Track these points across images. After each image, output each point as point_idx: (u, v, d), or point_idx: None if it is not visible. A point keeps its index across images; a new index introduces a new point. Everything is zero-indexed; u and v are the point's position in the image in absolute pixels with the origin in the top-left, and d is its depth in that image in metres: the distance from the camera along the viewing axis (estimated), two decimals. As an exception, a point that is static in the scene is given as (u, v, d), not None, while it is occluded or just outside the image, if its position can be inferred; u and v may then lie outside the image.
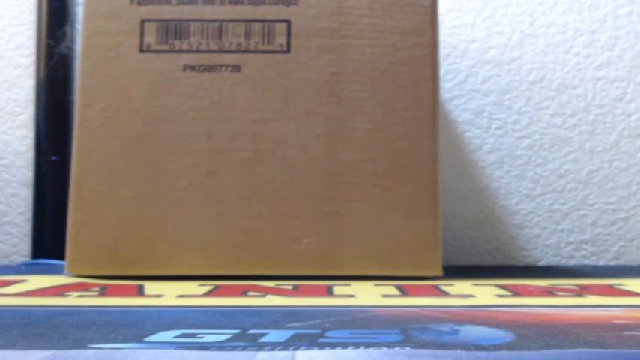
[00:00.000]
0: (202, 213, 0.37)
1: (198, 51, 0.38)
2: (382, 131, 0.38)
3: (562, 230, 0.56)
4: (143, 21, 0.38)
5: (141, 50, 0.38)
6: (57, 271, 0.41)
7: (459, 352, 0.18)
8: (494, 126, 0.56)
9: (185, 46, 0.38)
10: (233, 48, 0.38)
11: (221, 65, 0.38)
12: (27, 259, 0.54)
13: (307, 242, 0.37)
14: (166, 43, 0.38)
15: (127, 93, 0.38)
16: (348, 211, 0.37)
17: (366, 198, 0.37)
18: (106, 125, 0.38)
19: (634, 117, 0.56)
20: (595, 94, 0.57)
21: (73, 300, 0.28)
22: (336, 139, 0.38)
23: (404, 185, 0.37)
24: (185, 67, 0.38)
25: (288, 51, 0.38)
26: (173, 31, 0.38)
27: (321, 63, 0.38)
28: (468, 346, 0.18)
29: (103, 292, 0.31)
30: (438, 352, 0.18)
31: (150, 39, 0.38)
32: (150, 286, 0.33)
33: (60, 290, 0.32)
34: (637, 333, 0.21)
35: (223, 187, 0.37)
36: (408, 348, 0.18)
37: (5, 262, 0.54)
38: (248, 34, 0.38)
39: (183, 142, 0.38)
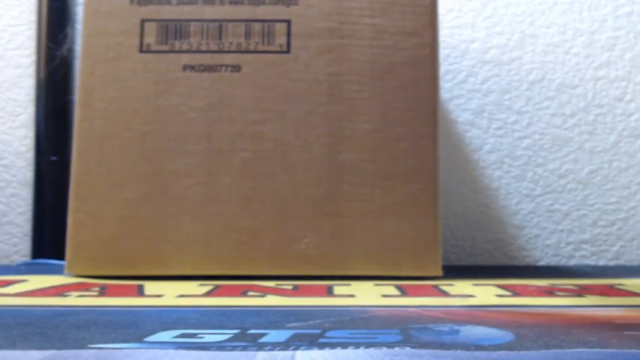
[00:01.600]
0: (202, 213, 0.37)
1: (198, 51, 0.38)
2: (382, 131, 0.38)
3: (562, 230, 0.56)
4: (143, 21, 0.38)
5: (141, 50, 0.38)
6: (57, 271, 0.41)
7: (459, 352, 0.18)
8: (494, 126, 0.56)
9: (185, 46, 0.38)
10: (233, 48, 0.38)
11: (221, 65, 0.38)
12: (27, 259, 0.54)
13: (307, 242, 0.37)
14: (166, 43, 0.38)
15: (127, 93, 0.38)
16: (348, 211, 0.37)
17: (366, 198, 0.37)
18: (106, 125, 0.38)
19: (634, 117, 0.56)
20: (595, 94, 0.57)
21: (73, 300, 0.28)
22: (336, 139, 0.38)
23: (404, 185, 0.37)
24: (185, 67, 0.38)
25: (288, 51, 0.38)
26: (173, 31, 0.38)
27: (321, 63, 0.38)
28: (468, 346, 0.18)
29: (103, 292, 0.31)
30: (438, 352, 0.18)
31: (150, 39, 0.38)
32: (150, 286, 0.33)
33: (60, 290, 0.32)
34: (637, 333, 0.21)
35: (223, 187, 0.37)
36: (408, 348, 0.18)
37: (5, 262, 0.54)
38: (248, 34, 0.38)
39: (183, 142, 0.38)
